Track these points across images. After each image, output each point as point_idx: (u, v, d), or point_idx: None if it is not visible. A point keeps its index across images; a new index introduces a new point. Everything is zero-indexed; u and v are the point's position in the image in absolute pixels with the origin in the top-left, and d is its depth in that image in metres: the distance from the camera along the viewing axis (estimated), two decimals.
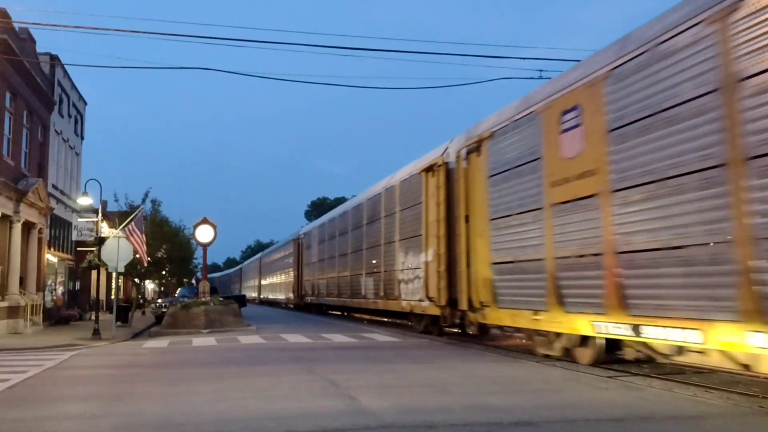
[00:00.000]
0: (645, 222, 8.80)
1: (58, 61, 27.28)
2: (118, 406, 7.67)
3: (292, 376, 10.01)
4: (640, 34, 9.34)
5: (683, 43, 8.30)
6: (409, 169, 19.32)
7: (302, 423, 6.42)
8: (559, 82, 11.51)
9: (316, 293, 33.03)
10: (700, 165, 7.91)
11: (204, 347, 15.84)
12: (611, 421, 6.44)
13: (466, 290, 14.07)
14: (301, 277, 38.19)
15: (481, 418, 6.55)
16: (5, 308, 20.73)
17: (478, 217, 13.68)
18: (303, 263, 37.51)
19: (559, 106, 10.99)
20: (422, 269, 17.06)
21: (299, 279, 38.64)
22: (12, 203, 21.72)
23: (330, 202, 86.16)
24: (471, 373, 10.19)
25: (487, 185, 13.37)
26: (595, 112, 9.97)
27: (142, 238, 21.94)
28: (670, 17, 8.77)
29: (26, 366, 11.88)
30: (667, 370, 10.12)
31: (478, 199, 13.77)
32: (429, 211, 16.72)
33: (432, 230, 16.29)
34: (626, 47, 9.51)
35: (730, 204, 7.50)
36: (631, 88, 9.23)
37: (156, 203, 31.47)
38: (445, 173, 15.88)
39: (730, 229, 7.48)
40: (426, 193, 16.99)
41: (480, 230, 13.59)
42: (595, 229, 9.81)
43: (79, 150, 33.67)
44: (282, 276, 47.16)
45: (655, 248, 8.59)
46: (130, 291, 43.86)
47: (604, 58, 10.08)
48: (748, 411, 6.88)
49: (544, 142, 11.35)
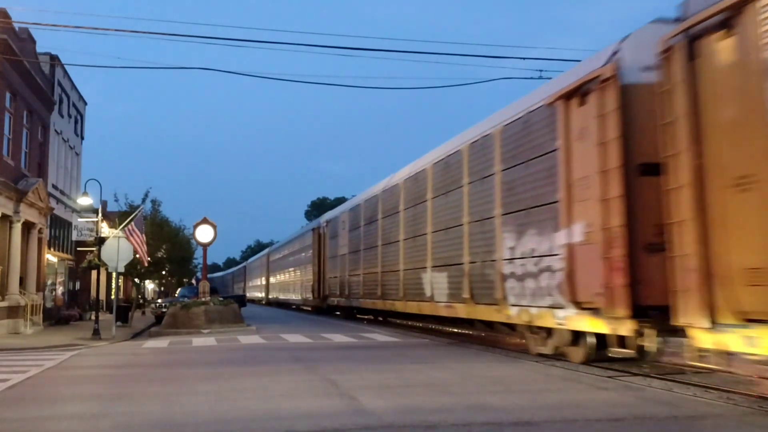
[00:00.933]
0: None
1: (58, 61, 27.28)
2: (118, 406, 7.67)
3: (292, 376, 10.01)
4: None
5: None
6: (523, 104, 13.02)
7: (302, 423, 6.42)
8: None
9: (346, 293, 27.00)
10: None
11: (204, 347, 15.84)
12: (611, 421, 6.44)
13: (699, 290, 7.59)
14: (323, 274, 32.39)
15: (481, 418, 6.55)
16: (5, 308, 20.73)
17: (740, 152, 7.25)
18: (325, 257, 31.90)
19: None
20: (559, 256, 11.04)
21: (321, 276, 32.86)
22: (12, 203, 21.71)
23: (330, 202, 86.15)
24: (471, 373, 10.19)
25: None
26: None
27: (142, 238, 21.94)
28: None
29: (26, 366, 11.87)
30: (667, 370, 10.12)
31: (731, 116, 7.43)
32: (576, 160, 10.70)
33: (590, 191, 10.21)
34: None
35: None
36: None
37: (156, 203, 31.50)
38: (618, 93, 9.82)
39: None
40: (567, 133, 10.98)
41: (744, 175, 7.16)
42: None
43: (79, 150, 33.67)
44: (297, 273, 41.32)
45: None
46: (130, 291, 43.86)
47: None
48: (748, 411, 6.88)
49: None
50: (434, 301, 16.62)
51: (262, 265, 62.69)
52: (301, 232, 41.24)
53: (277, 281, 50.98)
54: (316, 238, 34.01)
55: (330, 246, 30.75)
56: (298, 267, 40.54)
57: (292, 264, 43.17)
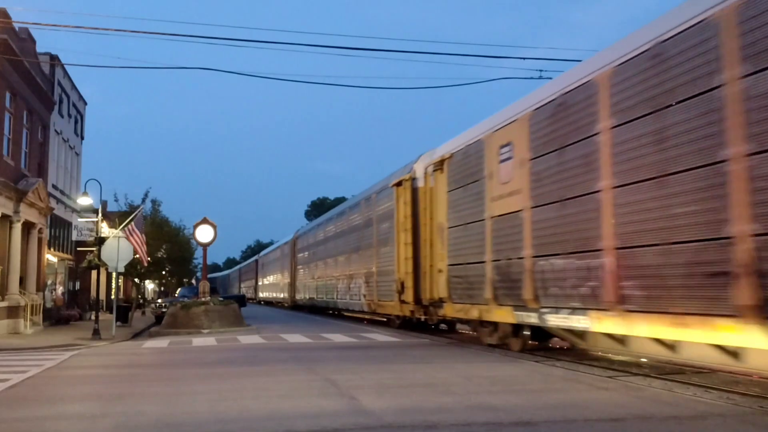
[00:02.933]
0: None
1: (58, 61, 27.28)
2: (118, 406, 7.67)
3: (292, 376, 10.01)
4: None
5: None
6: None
7: (302, 423, 6.42)
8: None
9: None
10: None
11: (204, 347, 15.84)
12: (611, 421, 6.44)
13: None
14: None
15: (481, 418, 6.54)
16: (5, 308, 20.73)
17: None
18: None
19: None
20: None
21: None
22: (12, 203, 21.72)
23: (330, 202, 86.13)
24: (471, 372, 10.19)
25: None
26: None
27: (142, 238, 21.95)
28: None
29: (26, 366, 11.87)
30: (667, 370, 10.12)
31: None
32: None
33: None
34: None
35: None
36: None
37: (156, 203, 31.54)
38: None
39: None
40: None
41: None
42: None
43: (79, 150, 33.67)
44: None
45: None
46: (130, 291, 43.86)
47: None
48: (748, 411, 6.88)
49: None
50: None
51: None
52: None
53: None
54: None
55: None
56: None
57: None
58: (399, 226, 18.96)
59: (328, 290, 30.65)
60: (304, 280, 37.51)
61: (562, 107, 11.09)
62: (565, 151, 10.89)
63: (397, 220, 19.22)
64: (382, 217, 21.50)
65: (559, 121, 11.15)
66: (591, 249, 10.06)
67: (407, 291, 18.00)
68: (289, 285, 43.13)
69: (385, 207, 21.17)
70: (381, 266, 21.48)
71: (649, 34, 9.24)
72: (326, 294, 31.04)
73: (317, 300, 33.37)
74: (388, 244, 20.67)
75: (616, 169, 9.58)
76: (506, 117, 13.12)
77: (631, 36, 9.76)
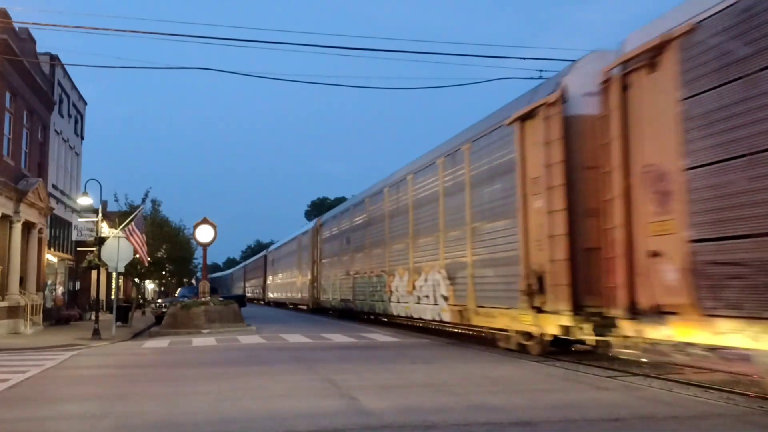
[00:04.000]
0: None
1: (58, 61, 27.27)
2: (118, 406, 7.67)
3: (292, 376, 10.01)
4: None
5: None
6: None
7: (302, 423, 6.42)
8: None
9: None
10: None
11: (204, 347, 15.84)
12: (611, 421, 6.44)
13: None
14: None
15: (481, 418, 6.54)
16: (5, 308, 20.73)
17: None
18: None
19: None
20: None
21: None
22: (12, 203, 21.71)
23: (330, 202, 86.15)
24: (471, 373, 10.19)
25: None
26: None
27: (142, 238, 21.95)
28: None
29: (26, 366, 11.87)
30: (667, 370, 10.12)
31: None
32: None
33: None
34: None
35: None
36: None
37: (156, 203, 31.56)
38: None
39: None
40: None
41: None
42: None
43: (79, 150, 33.67)
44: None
45: None
46: (130, 291, 43.86)
47: None
48: (748, 411, 6.88)
49: None
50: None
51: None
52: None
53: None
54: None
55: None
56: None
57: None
58: (533, 184, 12.09)
59: (373, 290, 22.86)
60: (334, 276, 30.03)
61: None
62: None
63: (523, 176, 12.43)
64: (486, 176, 14.21)
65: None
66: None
67: (555, 291, 11.14)
68: (309, 283, 35.94)
69: (494, 160, 13.88)
70: (483, 253, 14.22)
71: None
72: (370, 295, 23.24)
73: (355, 302, 25.65)
74: (500, 217, 13.44)
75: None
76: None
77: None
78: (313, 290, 35.12)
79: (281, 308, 48.14)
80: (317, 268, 34.10)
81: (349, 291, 26.50)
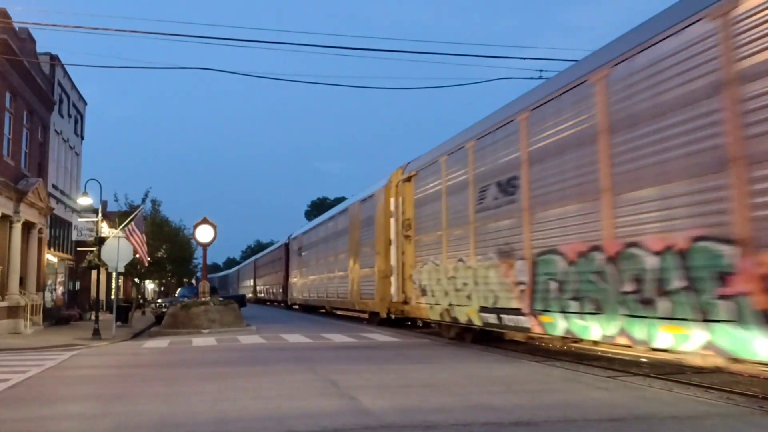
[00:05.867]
0: None
1: (58, 61, 27.27)
2: (118, 406, 7.67)
3: (292, 376, 10.01)
4: None
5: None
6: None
7: (302, 423, 6.42)
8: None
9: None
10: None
11: (204, 347, 15.84)
12: (611, 421, 6.44)
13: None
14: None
15: (481, 418, 6.54)
16: (5, 308, 20.72)
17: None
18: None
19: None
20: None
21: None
22: (12, 203, 21.71)
23: (330, 202, 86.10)
24: (471, 373, 10.19)
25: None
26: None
27: (142, 238, 21.94)
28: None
29: (26, 366, 11.87)
30: (667, 370, 10.12)
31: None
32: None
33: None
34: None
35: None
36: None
37: (156, 203, 31.48)
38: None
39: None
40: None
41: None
42: None
43: (79, 150, 33.67)
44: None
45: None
46: (130, 291, 43.85)
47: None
48: (748, 411, 6.88)
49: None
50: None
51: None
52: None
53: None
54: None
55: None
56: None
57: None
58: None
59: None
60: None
61: None
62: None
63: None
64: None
65: None
66: None
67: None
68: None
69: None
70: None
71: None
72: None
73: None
74: None
75: None
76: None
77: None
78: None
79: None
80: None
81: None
